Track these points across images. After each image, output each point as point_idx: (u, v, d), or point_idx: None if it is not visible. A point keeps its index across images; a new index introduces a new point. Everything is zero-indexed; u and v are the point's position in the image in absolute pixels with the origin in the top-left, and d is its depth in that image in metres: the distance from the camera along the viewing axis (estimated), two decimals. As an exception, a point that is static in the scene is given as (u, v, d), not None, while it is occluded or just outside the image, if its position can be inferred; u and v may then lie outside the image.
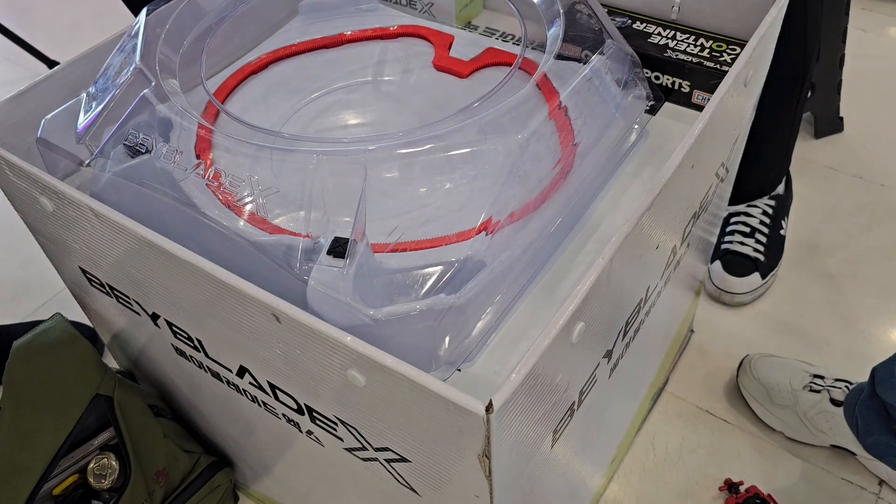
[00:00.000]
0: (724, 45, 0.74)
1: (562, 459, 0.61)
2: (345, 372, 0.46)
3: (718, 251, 1.20)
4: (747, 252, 1.18)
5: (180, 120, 0.58)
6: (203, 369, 0.68)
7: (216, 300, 0.52)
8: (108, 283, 0.67)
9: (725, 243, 1.20)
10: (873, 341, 1.11)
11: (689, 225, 0.70)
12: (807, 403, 0.96)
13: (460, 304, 0.49)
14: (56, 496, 0.76)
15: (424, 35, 0.74)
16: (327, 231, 0.50)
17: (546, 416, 0.50)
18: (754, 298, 1.17)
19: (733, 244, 1.20)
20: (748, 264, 1.16)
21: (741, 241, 1.19)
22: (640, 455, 0.99)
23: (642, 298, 0.64)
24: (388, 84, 0.70)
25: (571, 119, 0.60)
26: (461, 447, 0.44)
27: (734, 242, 1.20)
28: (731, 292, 1.16)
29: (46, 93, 0.68)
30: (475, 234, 0.52)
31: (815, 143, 1.46)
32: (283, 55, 0.73)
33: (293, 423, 0.62)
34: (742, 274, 1.16)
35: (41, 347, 0.73)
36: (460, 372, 0.52)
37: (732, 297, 1.16)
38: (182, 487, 0.83)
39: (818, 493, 0.94)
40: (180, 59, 0.64)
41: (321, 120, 0.66)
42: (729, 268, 1.16)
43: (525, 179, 0.55)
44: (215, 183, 0.54)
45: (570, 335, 0.46)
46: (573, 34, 0.63)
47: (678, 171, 0.55)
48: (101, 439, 0.78)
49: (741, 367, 1.05)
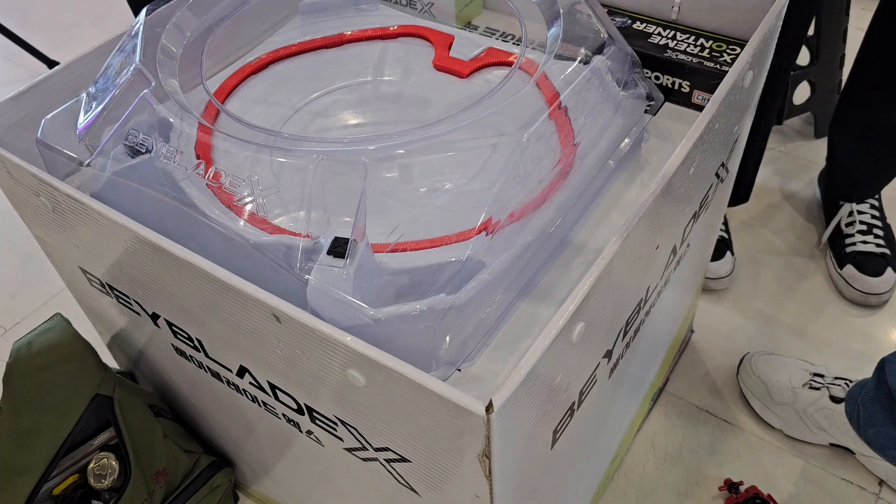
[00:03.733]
0: (724, 45, 0.74)
1: (562, 459, 0.61)
2: (345, 372, 0.46)
3: (842, 255, 1.17)
4: (872, 250, 1.15)
5: (180, 120, 0.58)
6: (203, 369, 0.68)
7: (216, 300, 0.52)
8: (108, 283, 0.67)
9: (848, 245, 1.17)
10: (873, 341, 1.11)
11: (689, 225, 0.70)
12: (806, 401, 0.96)
13: (460, 304, 0.49)
14: (56, 496, 0.76)
15: (424, 35, 0.74)
16: (327, 231, 0.50)
17: (546, 416, 0.50)
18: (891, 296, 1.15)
19: (857, 244, 1.16)
20: (879, 262, 1.14)
21: (863, 240, 1.16)
22: (640, 455, 0.99)
23: (642, 298, 0.64)
24: (388, 84, 0.70)
25: (571, 119, 0.60)
26: (461, 447, 0.44)
27: (857, 243, 1.16)
28: (877, 293, 1.12)
29: (46, 93, 0.68)
30: (475, 234, 0.52)
31: (815, 143, 1.45)
32: (283, 55, 0.73)
33: (293, 423, 0.62)
34: (878, 273, 1.13)
35: (41, 348, 0.73)
36: (460, 372, 0.52)
37: (880, 297, 1.13)
38: (182, 487, 0.83)
39: (818, 492, 0.94)
40: (180, 59, 0.64)
41: (321, 120, 0.66)
42: (864, 269, 1.13)
43: (525, 179, 0.55)
44: (215, 183, 0.54)
45: (570, 335, 0.46)
46: (573, 34, 0.63)
47: (678, 172, 0.55)
48: (101, 439, 0.78)
49: (741, 365, 1.05)
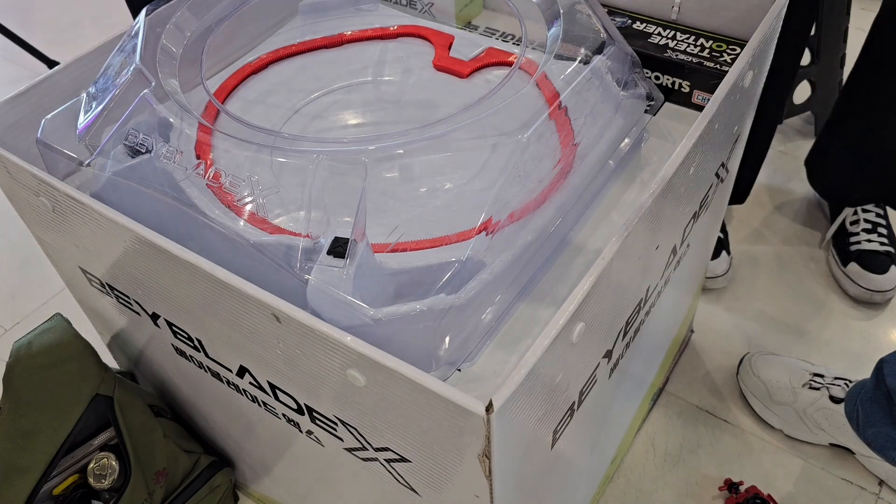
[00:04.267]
0: (724, 45, 0.74)
1: (562, 459, 0.61)
2: (345, 372, 0.46)
3: (847, 253, 1.17)
4: (876, 248, 1.15)
5: (180, 120, 0.58)
6: (203, 369, 0.68)
7: (216, 300, 0.52)
8: (107, 283, 0.67)
9: (853, 244, 1.17)
10: (873, 341, 1.11)
11: (689, 225, 0.70)
12: (806, 401, 0.96)
13: (460, 304, 0.49)
14: (56, 496, 0.76)
15: (424, 35, 0.74)
16: (327, 231, 0.50)
17: (546, 416, 0.50)
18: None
19: (861, 243, 1.17)
20: (884, 259, 1.14)
21: (868, 238, 1.17)
22: (640, 455, 0.99)
23: (642, 298, 0.64)
24: (388, 84, 0.70)
25: (571, 119, 0.60)
26: (461, 447, 0.44)
27: (861, 241, 1.17)
28: (882, 290, 1.13)
29: (46, 93, 0.68)
30: (475, 234, 0.52)
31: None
32: (283, 55, 0.73)
33: (293, 423, 0.62)
34: (883, 270, 1.13)
35: (41, 348, 0.73)
36: (460, 372, 0.52)
37: (884, 295, 1.13)
38: (182, 487, 0.83)
39: (818, 492, 0.94)
40: (180, 59, 0.64)
41: (321, 120, 0.66)
42: (869, 267, 1.13)
43: (525, 179, 0.55)
44: (215, 183, 0.54)
45: (570, 335, 0.46)
46: (573, 34, 0.63)
47: (678, 172, 0.55)
48: (101, 439, 0.78)
49: (741, 365, 1.05)
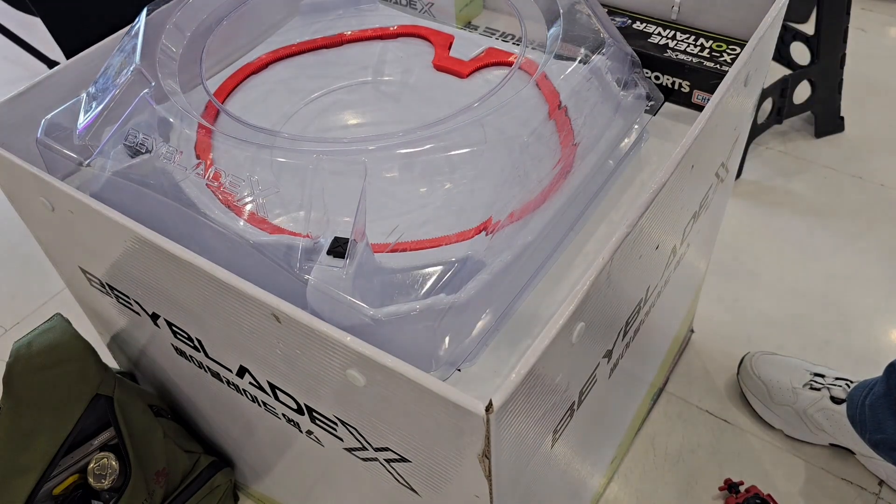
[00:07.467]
0: (724, 45, 0.74)
1: (562, 459, 0.61)
2: (345, 372, 0.46)
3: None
4: None
5: (180, 120, 0.58)
6: (203, 369, 0.68)
7: (216, 300, 0.52)
8: (107, 283, 0.67)
9: None
10: (873, 341, 1.11)
11: (688, 225, 0.70)
12: (807, 401, 0.96)
13: (460, 304, 0.49)
14: (56, 496, 0.76)
15: (424, 35, 0.74)
16: (327, 231, 0.50)
17: (546, 416, 0.50)
18: None
19: None
20: None
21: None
22: (640, 455, 0.99)
23: (642, 298, 0.64)
24: (388, 84, 0.70)
25: (571, 119, 0.60)
26: (461, 447, 0.44)
27: None
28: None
29: (46, 93, 0.67)
30: (475, 234, 0.52)
31: (815, 143, 1.46)
32: (283, 55, 0.73)
33: (293, 423, 0.62)
34: None
35: (41, 348, 0.73)
36: (460, 372, 0.52)
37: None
38: (182, 487, 0.83)
39: (818, 492, 0.94)
40: (180, 59, 0.64)
41: (321, 120, 0.66)
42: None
43: (525, 179, 0.55)
44: (215, 183, 0.54)
45: (570, 335, 0.46)
46: (573, 34, 0.63)
47: (678, 171, 0.55)
48: (101, 439, 0.78)
49: (741, 365, 1.05)
